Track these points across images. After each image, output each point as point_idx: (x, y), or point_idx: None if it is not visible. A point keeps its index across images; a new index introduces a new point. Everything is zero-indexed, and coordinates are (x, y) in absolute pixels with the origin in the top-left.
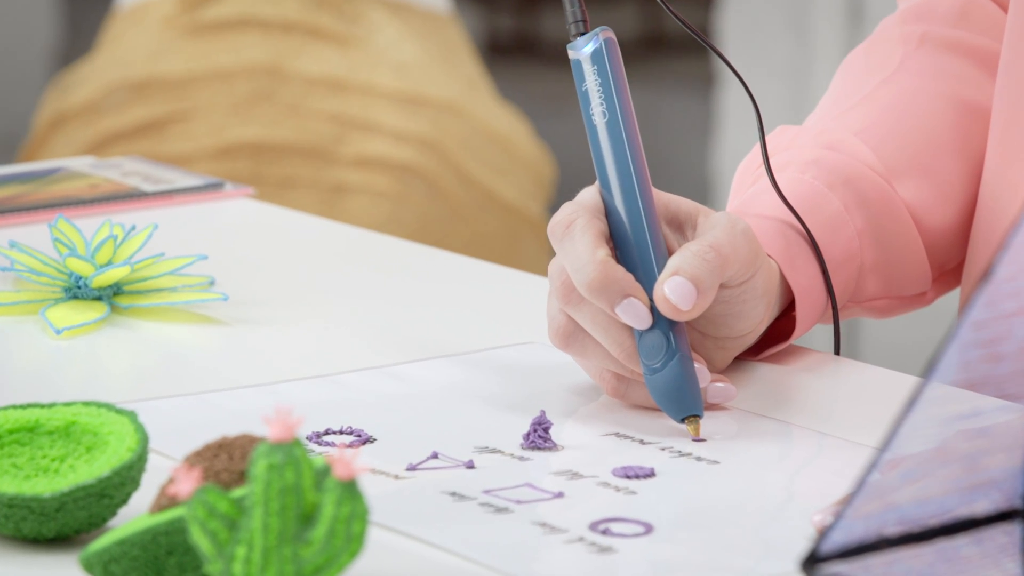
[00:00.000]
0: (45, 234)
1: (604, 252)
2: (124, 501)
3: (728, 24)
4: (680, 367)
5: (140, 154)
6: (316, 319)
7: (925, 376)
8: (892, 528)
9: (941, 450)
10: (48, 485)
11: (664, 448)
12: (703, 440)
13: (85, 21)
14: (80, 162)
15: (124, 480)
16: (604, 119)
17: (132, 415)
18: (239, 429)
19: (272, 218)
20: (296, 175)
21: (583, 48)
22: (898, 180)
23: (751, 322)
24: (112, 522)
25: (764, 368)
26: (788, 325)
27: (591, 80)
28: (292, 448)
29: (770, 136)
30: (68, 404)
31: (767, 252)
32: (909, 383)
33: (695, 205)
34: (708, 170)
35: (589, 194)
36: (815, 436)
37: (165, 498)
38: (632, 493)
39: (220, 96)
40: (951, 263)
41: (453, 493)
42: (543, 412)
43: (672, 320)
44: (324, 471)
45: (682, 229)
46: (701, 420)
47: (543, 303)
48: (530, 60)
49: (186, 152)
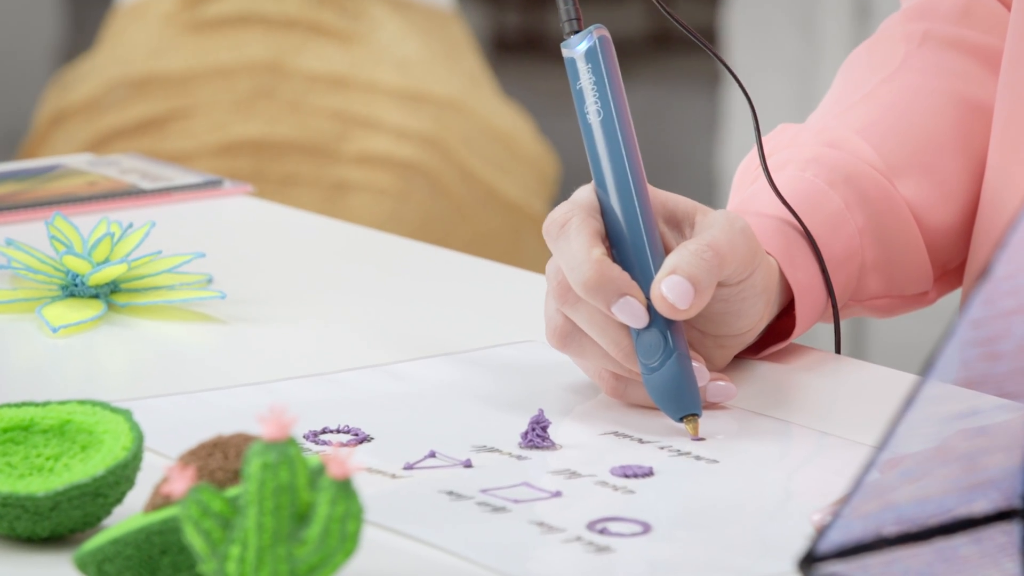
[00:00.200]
0: (42, 232)
1: (600, 251)
2: (119, 500)
3: (735, 22)
4: (678, 366)
5: (141, 151)
6: (315, 317)
7: (923, 375)
8: (890, 528)
9: (940, 449)
10: (42, 484)
11: (663, 447)
12: (702, 439)
13: (88, 18)
14: (78, 159)
15: (119, 479)
16: (599, 117)
17: (127, 414)
18: (236, 428)
19: (271, 216)
20: (298, 172)
21: (577, 46)
22: (899, 178)
23: (750, 320)
24: (107, 521)
25: (764, 367)
26: (789, 324)
27: (585, 78)
28: (286, 447)
29: (771, 134)
30: (63, 403)
31: (767, 250)
32: (909, 382)
33: (693, 203)
34: (714, 168)
35: (584, 193)
36: (815, 435)
37: (159, 497)
38: (630, 492)
39: (221, 93)
40: (953, 262)
41: (450, 492)
42: (541, 411)
43: (670, 319)
44: (319, 470)
45: (680, 227)
46: (700, 419)
47: None
48: (536, 57)
49: (187, 149)
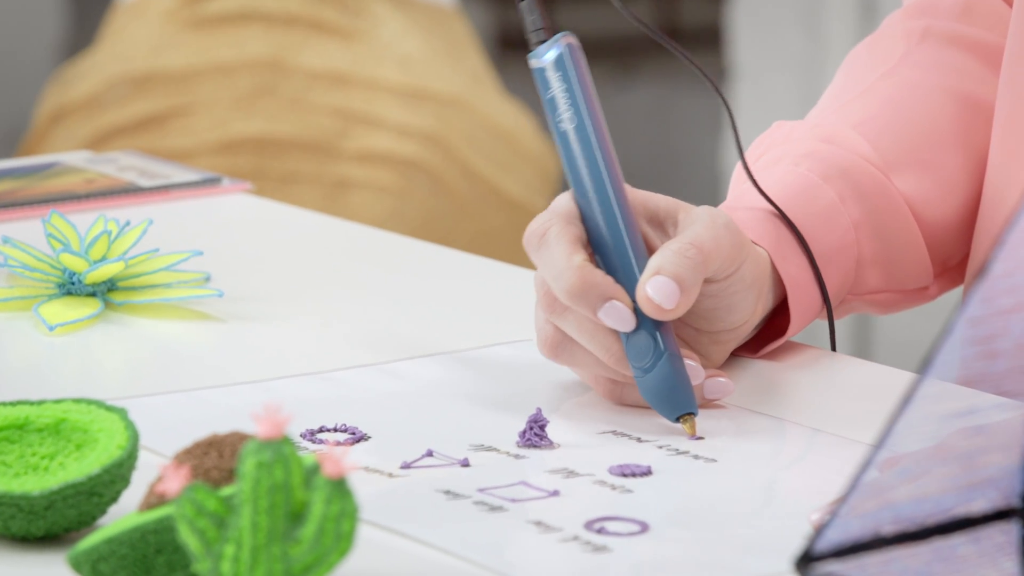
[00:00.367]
0: (39, 229)
1: (581, 257)
2: (114, 499)
3: (740, 19)
4: (670, 366)
5: (141, 149)
6: (313, 316)
7: (921, 373)
8: (888, 527)
9: (938, 448)
10: (37, 483)
11: (661, 446)
12: (700, 438)
13: (90, 15)
14: (76, 157)
15: (114, 478)
16: (572, 125)
17: (123, 412)
18: (232, 426)
19: (270, 213)
20: (299, 170)
21: (545, 55)
22: (896, 173)
23: (743, 314)
24: (102, 520)
25: (762, 365)
26: (787, 320)
27: (556, 87)
28: (281, 446)
29: (766, 132)
30: (58, 401)
31: (759, 243)
32: (908, 380)
33: (674, 201)
34: (719, 165)
35: (562, 201)
36: (813, 434)
37: (154, 496)
38: (628, 492)
39: (222, 90)
40: (954, 258)
41: (447, 491)
42: (539, 410)
43: (658, 320)
44: (313, 469)
45: (663, 227)
46: (697, 418)
47: None
48: None
49: (188, 147)
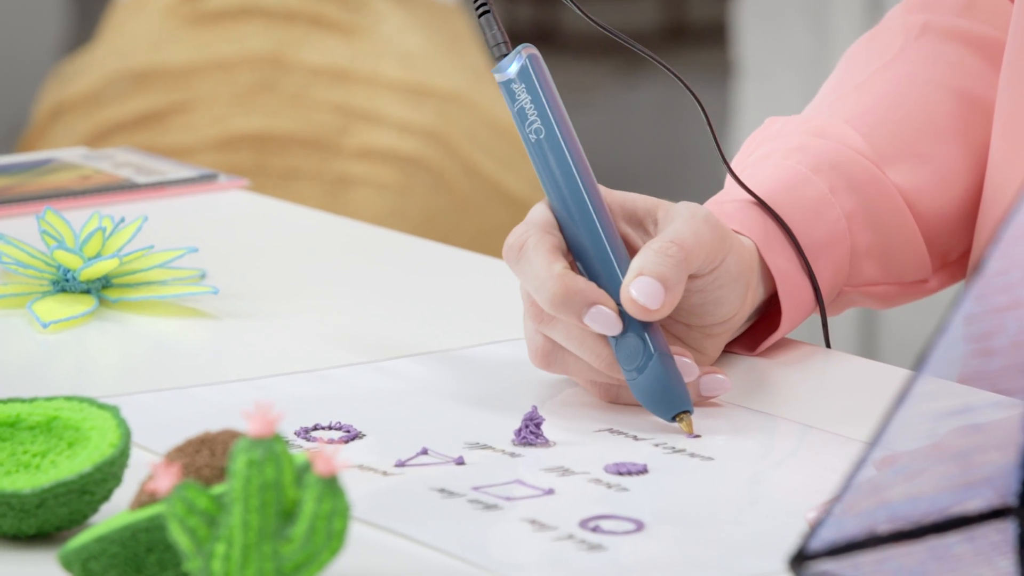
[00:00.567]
0: (33, 226)
1: (561, 265)
2: (106, 497)
3: (745, 15)
4: (661, 366)
5: (141, 145)
6: (309, 313)
7: (916, 370)
8: (883, 526)
9: (934, 447)
10: (28, 481)
11: (657, 444)
12: (698, 436)
13: (92, 11)
14: (72, 153)
15: (106, 476)
16: (541, 135)
17: (115, 410)
18: (226, 424)
19: (266, 210)
20: (299, 167)
21: (508, 68)
22: (889, 165)
23: (731, 306)
24: (94, 518)
25: (759, 362)
26: (781, 316)
27: (523, 98)
28: (272, 444)
29: (758, 129)
30: (50, 399)
31: (746, 235)
32: (905, 377)
33: (653, 200)
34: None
35: (538, 211)
36: (810, 432)
37: (145, 494)
38: (624, 490)
39: (222, 86)
40: (954, 252)
41: (442, 490)
42: (535, 407)
43: (645, 321)
44: (305, 467)
45: (643, 226)
46: (693, 416)
47: None
48: (549, 51)
49: (188, 143)
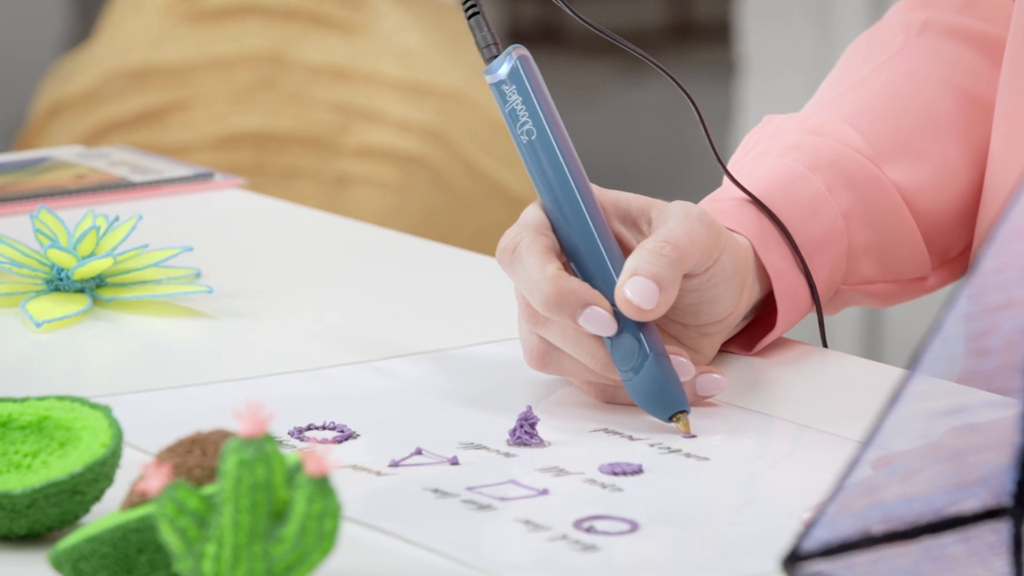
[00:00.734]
0: (28, 225)
1: (554, 267)
2: (97, 498)
3: (750, 14)
4: (656, 366)
5: (139, 143)
6: (305, 313)
7: (910, 370)
8: (877, 526)
9: (930, 447)
10: (19, 481)
11: (653, 444)
12: (694, 436)
13: (94, 8)
14: (67, 151)
15: (97, 476)
16: (533, 135)
17: (106, 410)
18: (219, 424)
19: (262, 209)
20: (298, 165)
21: (499, 70)
22: (887, 163)
23: (727, 305)
24: (85, 519)
25: (755, 362)
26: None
27: (514, 99)
28: (263, 444)
29: (757, 126)
30: (41, 398)
31: (742, 233)
32: (901, 376)
33: (646, 199)
34: (729, 159)
35: (531, 212)
36: (806, 432)
37: (136, 495)
38: (618, 490)
39: (221, 85)
40: (954, 249)
41: (435, 490)
42: (530, 407)
43: (640, 321)
44: (296, 467)
45: (637, 225)
46: (690, 416)
47: None
48: (553, 49)
49: (186, 142)
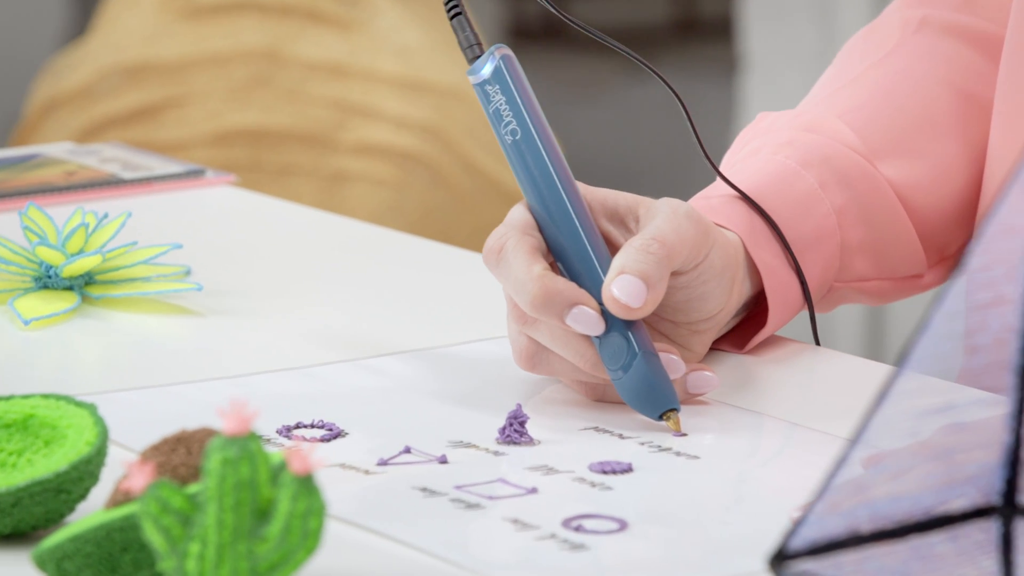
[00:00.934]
0: (17, 222)
1: (541, 267)
2: (82, 496)
3: (753, 11)
4: (645, 365)
5: (135, 140)
6: (295, 311)
7: (898, 368)
8: (865, 525)
9: (919, 445)
10: (4, 480)
11: (643, 442)
12: (685, 434)
13: (91, 5)
14: (58, 148)
15: (82, 475)
16: (517, 135)
17: (92, 408)
18: (206, 422)
19: (253, 206)
20: (295, 162)
21: (482, 70)
22: (881, 160)
23: (717, 301)
24: (70, 517)
25: (748, 360)
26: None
27: (497, 99)
28: (247, 442)
29: (751, 124)
30: (26, 397)
31: (732, 229)
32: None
33: (634, 197)
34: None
35: (517, 212)
36: (797, 430)
37: (120, 493)
38: (608, 489)
39: (217, 81)
40: (952, 246)
41: (424, 488)
42: (519, 405)
43: (628, 319)
44: (280, 466)
45: (624, 223)
46: (680, 414)
47: None
48: (557, 45)
49: (182, 138)
